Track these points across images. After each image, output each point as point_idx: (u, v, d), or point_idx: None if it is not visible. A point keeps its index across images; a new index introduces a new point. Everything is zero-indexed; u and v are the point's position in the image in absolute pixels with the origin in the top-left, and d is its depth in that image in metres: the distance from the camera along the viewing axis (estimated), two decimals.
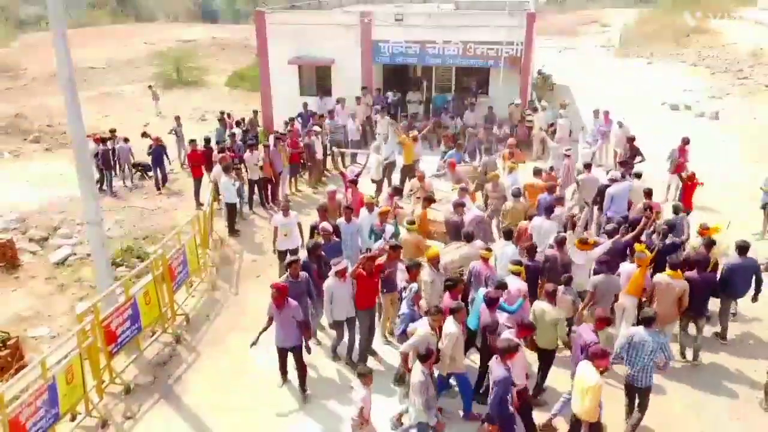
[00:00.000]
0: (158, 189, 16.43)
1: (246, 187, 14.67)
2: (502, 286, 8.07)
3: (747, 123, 21.91)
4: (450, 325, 7.52)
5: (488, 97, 20.35)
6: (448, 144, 15.64)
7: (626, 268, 9.10)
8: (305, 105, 19.00)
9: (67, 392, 7.36)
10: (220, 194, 13.86)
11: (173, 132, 18.13)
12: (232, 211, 13.57)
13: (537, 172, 12.72)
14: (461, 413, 8.01)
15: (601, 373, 6.64)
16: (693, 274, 8.84)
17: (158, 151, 16.31)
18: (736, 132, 20.99)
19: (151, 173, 16.91)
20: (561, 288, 8.41)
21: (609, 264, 8.93)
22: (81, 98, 27.49)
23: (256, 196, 15.00)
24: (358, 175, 12.78)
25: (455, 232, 10.44)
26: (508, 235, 9.96)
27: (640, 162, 14.72)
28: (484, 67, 19.87)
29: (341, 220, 10.54)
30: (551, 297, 7.96)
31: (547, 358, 8.12)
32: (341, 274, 8.48)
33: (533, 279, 9.08)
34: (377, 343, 9.47)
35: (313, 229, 10.58)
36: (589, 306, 8.70)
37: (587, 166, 13.20)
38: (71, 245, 13.43)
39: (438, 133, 19.52)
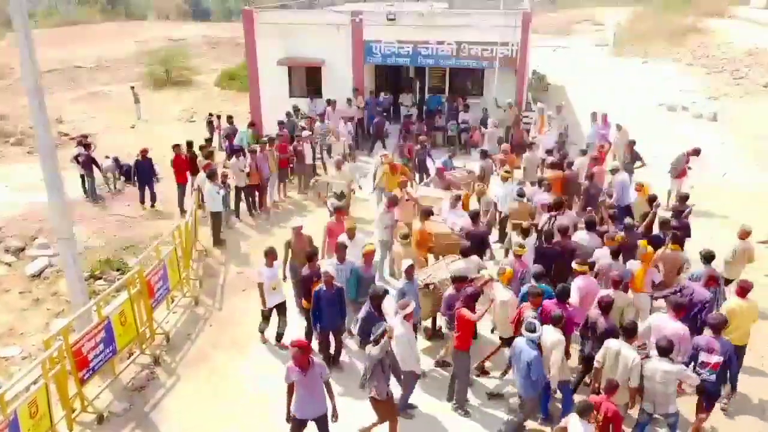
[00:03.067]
0: (143, 205, 15.19)
1: (232, 195, 14.09)
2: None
3: (746, 124, 21.49)
4: (556, 333, 7.32)
5: (483, 99, 19.84)
6: (404, 155, 14.51)
7: (632, 265, 9.09)
8: (295, 108, 18.46)
9: (31, 427, 6.80)
10: (204, 202, 13.31)
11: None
12: (217, 219, 13.00)
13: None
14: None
15: None
16: None
17: (144, 167, 14.87)
18: (735, 134, 20.59)
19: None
20: None
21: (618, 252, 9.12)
22: (68, 99, 26.90)
23: (242, 204, 14.43)
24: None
25: (480, 243, 10.24)
26: (526, 232, 9.99)
27: (640, 167, 14.31)
28: (479, 68, 19.36)
29: (333, 261, 9.22)
30: (617, 284, 8.13)
31: None
32: (409, 317, 7.50)
33: (549, 262, 9.35)
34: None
35: (308, 279, 8.91)
36: None
37: (549, 152, 14.44)
38: (48, 256, 12.83)
39: (433, 136, 19.08)
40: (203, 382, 9.04)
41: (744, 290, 7.88)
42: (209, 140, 15.94)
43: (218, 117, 19.86)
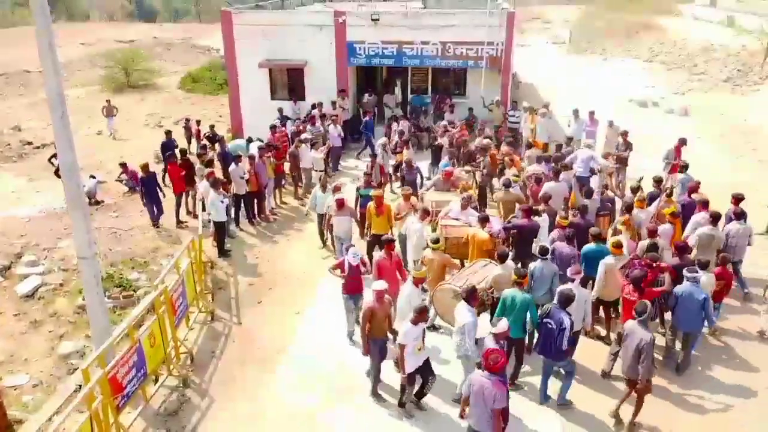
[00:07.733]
0: (156, 226, 13.85)
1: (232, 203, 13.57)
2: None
3: (716, 118, 22.22)
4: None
5: (466, 98, 19.83)
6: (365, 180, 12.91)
7: (665, 228, 10.36)
8: (280, 110, 17.99)
9: None
10: (203, 211, 12.75)
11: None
12: (221, 230, 12.48)
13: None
14: None
15: None
16: None
17: (150, 183, 13.42)
18: (708, 128, 21.19)
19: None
20: None
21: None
22: (23, 104, 25.24)
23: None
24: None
25: (530, 238, 10.48)
26: (537, 214, 10.75)
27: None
28: (464, 67, 19.32)
29: (471, 310, 7.71)
30: (653, 234, 9.82)
31: None
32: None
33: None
34: None
35: None
36: None
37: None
38: (39, 274, 12.03)
39: (419, 136, 18.90)
40: (237, 402, 8.61)
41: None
42: (204, 147, 15.21)
43: (198, 122, 19.16)
